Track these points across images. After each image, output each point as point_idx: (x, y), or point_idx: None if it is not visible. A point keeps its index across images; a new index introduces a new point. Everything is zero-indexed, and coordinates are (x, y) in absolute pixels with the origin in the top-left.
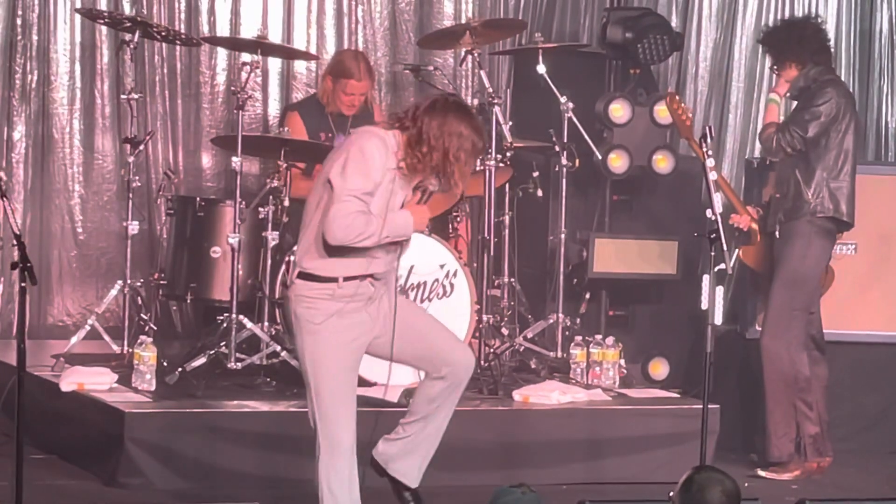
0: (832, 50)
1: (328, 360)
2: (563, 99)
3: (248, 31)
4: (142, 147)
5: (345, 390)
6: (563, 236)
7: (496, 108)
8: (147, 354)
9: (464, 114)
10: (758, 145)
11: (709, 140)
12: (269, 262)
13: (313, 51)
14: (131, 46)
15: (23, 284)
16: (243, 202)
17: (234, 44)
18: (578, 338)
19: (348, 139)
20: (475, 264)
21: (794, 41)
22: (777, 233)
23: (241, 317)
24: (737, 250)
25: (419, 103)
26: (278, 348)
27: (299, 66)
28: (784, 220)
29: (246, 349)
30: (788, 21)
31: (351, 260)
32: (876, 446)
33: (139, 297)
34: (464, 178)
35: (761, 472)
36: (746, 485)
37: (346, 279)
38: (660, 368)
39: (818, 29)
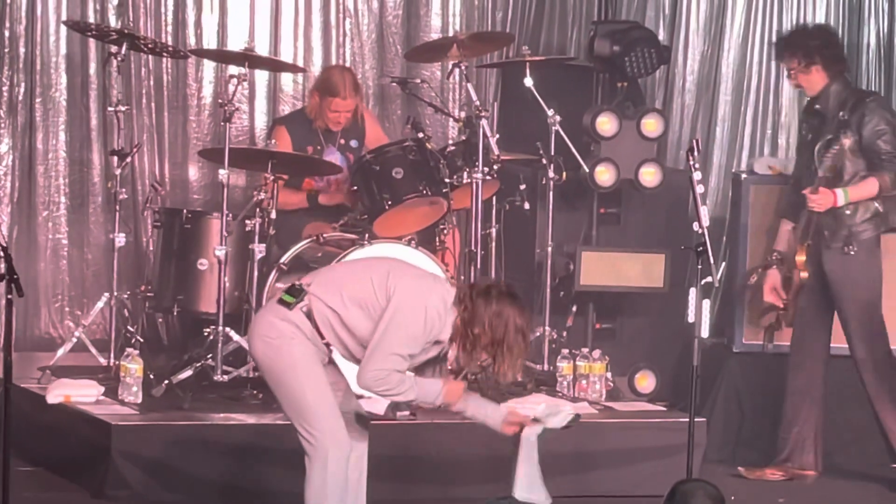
0: None
1: (313, 368)
2: (550, 112)
3: (236, 44)
4: (128, 159)
5: (333, 399)
6: (549, 249)
7: (483, 121)
8: (134, 367)
9: (519, 306)
10: (744, 158)
11: (696, 153)
12: (255, 274)
13: (301, 63)
14: (118, 59)
15: (9, 296)
16: (230, 214)
17: (222, 56)
18: (565, 351)
19: (418, 282)
20: (462, 277)
21: (829, 45)
22: (853, 249)
23: (227, 329)
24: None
25: (476, 285)
26: None
27: (286, 78)
28: (859, 234)
29: (233, 361)
30: (817, 25)
31: None
32: (863, 460)
33: (126, 310)
34: (513, 369)
35: (741, 469)
36: (733, 497)
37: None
38: (646, 381)
39: (839, 40)
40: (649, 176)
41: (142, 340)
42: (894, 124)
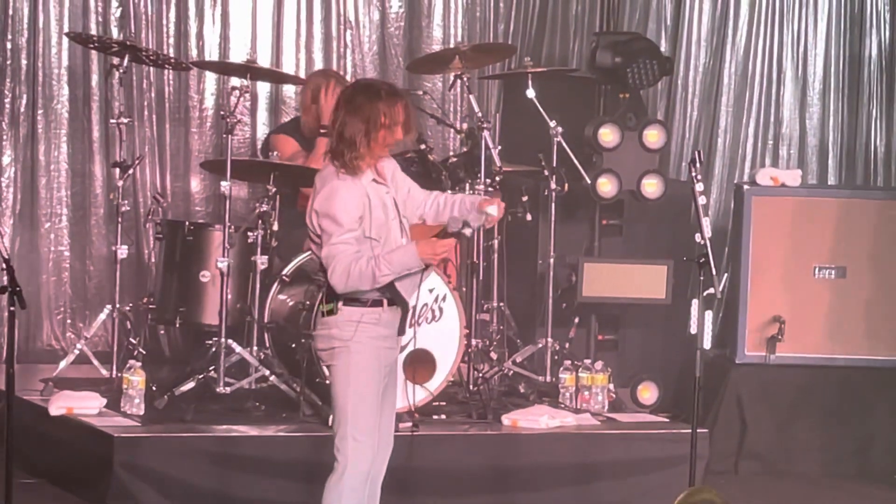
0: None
1: (364, 380)
2: (552, 123)
3: (237, 56)
4: (131, 171)
5: (375, 414)
6: (552, 260)
7: (485, 133)
8: (136, 379)
9: (352, 91)
10: (746, 169)
11: (698, 164)
12: (258, 286)
13: (302, 75)
14: (120, 71)
15: (12, 309)
16: (232, 226)
17: (223, 68)
18: (567, 362)
19: (314, 186)
20: (464, 289)
21: None
22: None
23: (229, 341)
24: None
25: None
26: (267, 372)
27: (288, 90)
28: None
29: (235, 373)
30: None
31: None
32: (866, 470)
33: (128, 322)
34: (387, 137)
35: None
36: None
37: (388, 303)
38: (649, 393)
39: None
40: (651, 187)
41: (144, 352)
42: None
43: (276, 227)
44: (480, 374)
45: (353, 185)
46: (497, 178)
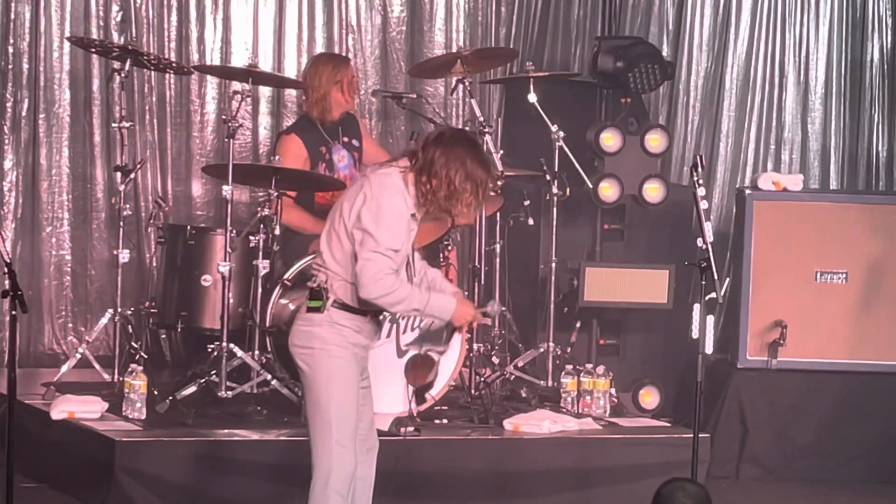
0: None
1: (346, 385)
2: (554, 128)
3: (239, 60)
4: (132, 175)
5: (354, 419)
6: (553, 265)
7: (487, 137)
8: (137, 383)
9: (471, 146)
10: (748, 174)
11: (700, 169)
12: (259, 290)
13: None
14: (122, 75)
15: (13, 313)
16: (234, 230)
17: (225, 72)
18: (569, 366)
19: (369, 182)
20: (466, 293)
21: None
22: None
23: (231, 345)
24: None
25: (430, 135)
26: (269, 377)
27: (290, 94)
28: None
29: (236, 377)
30: None
31: None
32: (866, 476)
33: (130, 326)
34: (468, 210)
35: None
36: None
37: (372, 316)
38: (650, 397)
39: None
40: (653, 191)
41: (145, 357)
42: None
43: (277, 231)
44: (482, 379)
45: (409, 219)
46: (499, 183)
